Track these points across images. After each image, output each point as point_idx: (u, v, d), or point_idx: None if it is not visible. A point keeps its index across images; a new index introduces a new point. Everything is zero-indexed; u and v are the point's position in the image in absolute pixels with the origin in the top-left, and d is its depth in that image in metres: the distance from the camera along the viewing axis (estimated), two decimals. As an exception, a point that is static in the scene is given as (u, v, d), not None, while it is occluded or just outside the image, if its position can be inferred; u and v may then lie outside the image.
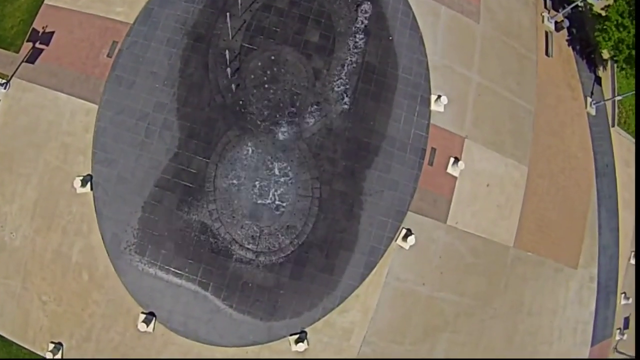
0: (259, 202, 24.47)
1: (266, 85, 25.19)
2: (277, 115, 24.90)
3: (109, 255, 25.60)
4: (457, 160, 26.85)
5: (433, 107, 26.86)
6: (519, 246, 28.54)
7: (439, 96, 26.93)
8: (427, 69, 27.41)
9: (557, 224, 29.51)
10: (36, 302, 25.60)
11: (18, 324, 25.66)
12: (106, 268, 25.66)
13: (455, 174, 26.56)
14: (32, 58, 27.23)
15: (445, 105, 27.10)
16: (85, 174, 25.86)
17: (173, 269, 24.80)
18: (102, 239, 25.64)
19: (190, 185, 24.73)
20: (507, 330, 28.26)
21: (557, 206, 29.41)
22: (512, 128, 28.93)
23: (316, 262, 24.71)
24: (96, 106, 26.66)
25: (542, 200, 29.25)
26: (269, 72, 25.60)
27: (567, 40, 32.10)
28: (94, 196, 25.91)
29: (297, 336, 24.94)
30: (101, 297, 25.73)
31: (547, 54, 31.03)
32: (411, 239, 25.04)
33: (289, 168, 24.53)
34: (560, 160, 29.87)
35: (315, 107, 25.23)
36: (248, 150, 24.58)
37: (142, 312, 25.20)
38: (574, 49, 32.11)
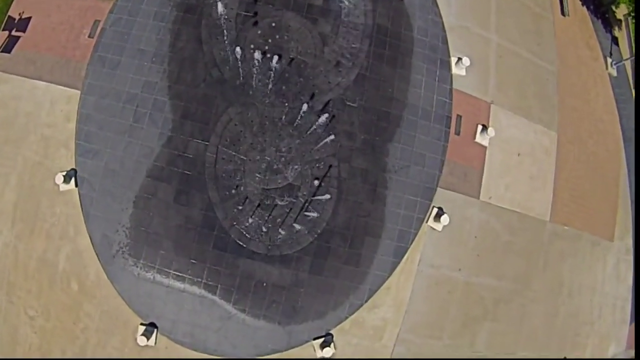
0: (269, 187, 16.97)
1: (269, 55, 17.68)
2: (284, 87, 17.29)
3: (99, 260, 19.04)
4: (485, 127, 20.11)
5: (454, 70, 20.73)
6: (555, 220, 22.19)
7: (459, 58, 20.74)
8: (444, 30, 21.18)
9: (590, 193, 23.22)
10: (23, 317, 19.35)
11: (6, 342, 19.55)
12: (97, 275, 19.17)
13: (485, 143, 20.02)
14: (8, 47, 21.14)
15: (467, 68, 20.94)
16: (68, 169, 19.38)
17: (174, 272, 18.38)
18: (91, 241, 19.10)
19: (188, 173, 17.73)
20: (548, 314, 22.05)
21: (589, 174, 23.15)
22: (537, 91, 22.79)
23: (339, 252, 18.10)
24: (78, 92, 20.11)
25: (574, 168, 22.95)
26: (270, 40, 19.08)
27: (580, 0, 24.82)
28: (79, 193, 19.34)
29: (322, 340, 18.47)
30: (94, 309, 19.35)
31: (562, 13, 25.05)
32: (444, 219, 18.67)
33: (300, 145, 16.99)
34: (587, 124, 23.68)
35: (325, 75, 17.66)
36: (253, 129, 17.04)
37: (142, 324, 18.69)
38: (588, 8, 26.07)
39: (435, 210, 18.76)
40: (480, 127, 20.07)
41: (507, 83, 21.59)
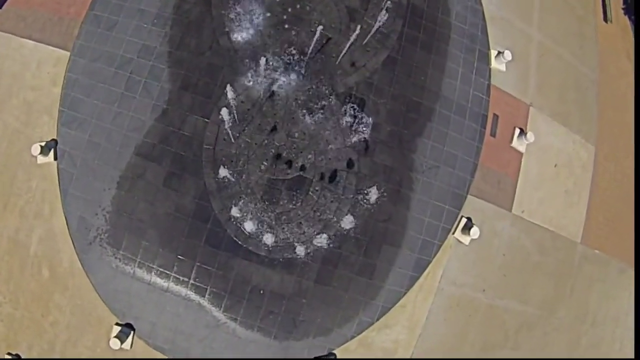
0: (277, 177, 11.71)
1: (286, 26, 13.13)
2: (302, 63, 11.99)
3: (74, 246, 14.33)
4: (522, 131, 15.85)
5: (494, 64, 15.98)
6: (586, 242, 17.43)
7: (500, 52, 16.20)
8: (484, 19, 16.53)
9: (622, 216, 18.41)
10: (-11, 302, 13.81)
11: (-30, 329, 14.10)
12: (71, 263, 14.50)
13: (522, 148, 15.14)
14: (-1, 3, 15.59)
15: (507, 63, 16.33)
16: (48, 139, 14.81)
17: (157, 268, 13.63)
18: (67, 224, 14.39)
19: (183, 153, 12.49)
20: (570, 343, 17.31)
21: (622, 196, 18.44)
22: (577, 98, 18.10)
23: (351, 261, 13.12)
24: (68, 53, 15.40)
25: (609, 187, 18.22)
26: (290, 9, 13.79)
27: (622, 8, 20.92)
28: (58, 168, 14.66)
29: (323, 361, 12.83)
30: (65, 301, 14.68)
31: (605, 19, 20.19)
32: (474, 231, 13.75)
33: (316, 132, 11.71)
34: (624, 142, 18.91)
35: (350, 54, 12.33)
36: (262, 108, 11.78)
37: (117, 324, 14.03)
38: (629, 18, 20.83)
39: (464, 220, 13.41)
40: (517, 131, 14.73)
41: (547, 85, 16.74)
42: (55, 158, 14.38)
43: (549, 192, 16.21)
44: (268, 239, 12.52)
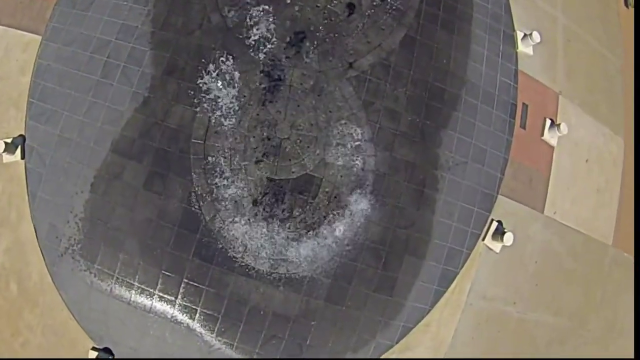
0: (278, 177, 7.92)
1: (288, 1, 8.49)
2: (306, 43, 8.24)
3: (44, 257, 11.10)
4: (553, 122, 11.36)
5: (520, 47, 11.86)
6: (617, 244, 14.28)
7: (526, 34, 12.97)
8: (507, -2, 10.97)
9: None
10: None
11: None
12: (41, 277, 11.22)
13: (553, 142, 11.88)
14: (-34, -13, 12.45)
15: (534, 46, 12.60)
16: (16, 135, 11.48)
17: (138, 285, 9.83)
18: (36, 232, 11.13)
19: (167, 149, 8.79)
20: (599, 355, 14.15)
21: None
22: (605, 87, 14.91)
23: (368, 275, 9.58)
24: (39, 37, 12.00)
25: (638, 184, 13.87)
26: None
27: None
28: (25, 168, 11.33)
29: (335, 393, 9.50)
30: (35, 320, 11.40)
31: (625, 4, 16.82)
32: (508, 237, 10.51)
33: (325, 123, 7.94)
34: None
35: (363, 32, 8.55)
36: (260, 95, 7.94)
37: (94, 348, 10.77)
38: None
39: (494, 224, 9.82)
40: (548, 122, 11.06)
41: (575, 72, 13.37)
42: (23, 157, 10.67)
43: (581, 191, 12.89)
44: (269, 250, 8.81)
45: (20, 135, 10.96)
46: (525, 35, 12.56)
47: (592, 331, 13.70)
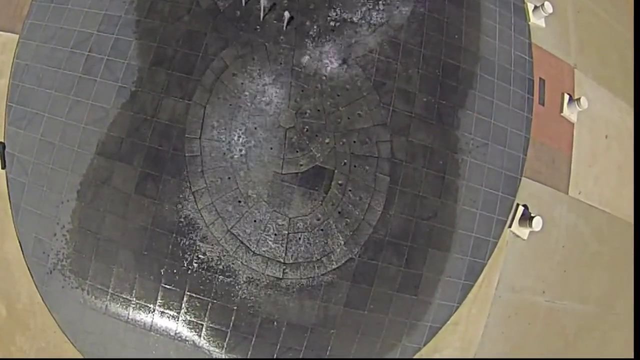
0: (287, 171, 6.30)
1: None
2: (307, 23, 6.64)
3: (32, 276, 9.64)
4: (571, 97, 9.01)
5: (532, 19, 9.88)
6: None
7: (538, 6, 11.30)
8: (514, -32, 9.56)
9: None
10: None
11: None
12: (30, 298, 9.82)
13: (573, 118, 10.15)
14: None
15: (546, 18, 10.28)
16: None
17: (136, 300, 8.26)
18: (21, 248, 9.65)
19: (159, 147, 7.24)
20: (627, 341, 13.01)
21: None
22: (618, 60, 13.75)
23: (390, 274, 7.92)
24: (16, 36, 10.41)
25: (653, 156, 12.66)
26: None
27: None
28: (7, 177, 9.81)
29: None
30: (28, 344, 9.98)
31: None
32: (537, 222, 9.32)
33: (334, 108, 6.36)
34: None
35: (369, 7, 6.94)
36: (259, 82, 6.35)
37: None
38: None
39: (520, 209, 8.42)
40: (567, 97, 9.65)
41: (588, 44, 12.21)
42: (4, 166, 9.32)
43: (602, 168, 11.68)
44: (280, 254, 7.30)
45: (0, 143, 9.33)
46: (536, 7, 11.20)
47: (620, 315, 12.62)
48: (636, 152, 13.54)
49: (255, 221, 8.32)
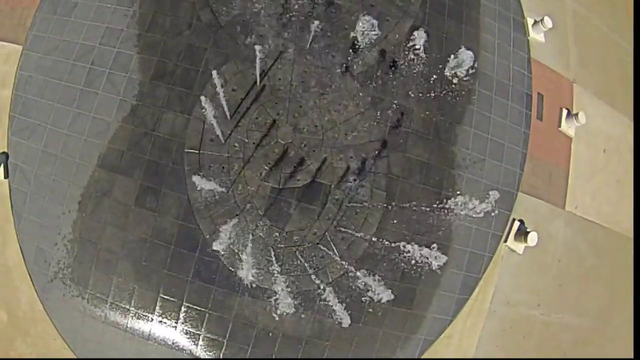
0: (283, 186, 6.51)
1: None
2: (306, 37, 6.77)
3: (33, 284, 9.79)
4: (570, 112, 9.23)
5: (532, 34, 10.02)
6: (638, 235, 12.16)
7: (537, 20, 11.55)
8: (514, -17, 9.67)
9: None
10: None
11: None
12: (32, 305, 10.01)
13: (571, 133, 10.40)
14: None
15: (546, 33, 10.70)
16: None
17: (134, 310, 8.51)
18: (23, 256, 9.81)
19: (159, 161, 7.44)
20: (625, 352, 12.83)
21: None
22: (619, 74, 13.58)
23: (385, 288, 6.60)
24: (20, 47, 10.61)
25: (653, 170, 12.66)
26: None
27: None
28: (9, 187, 9.97)
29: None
30: (28, 350, 10.20)
31: None
32: (532, 238, 9.30)
33: (331, 124, 6.48)
34: None
35: (368, 22, 7.03)
36: (259, 97, 6.44)
37: None
38: None
39: (516, 224, 8.48)
40: (565, 112, 9.74)
41: (588, 59, 12.11)
42: (6, 175, 9.43)
43: (601, 183, 11.68)
44: (276, 267, 7.43)
45: (3, 153, 9.54)
46: (535, 21, 11.29)
47: (618, 328, 12.49)
48: (636, 166, 13.54)
49: (252, 235, 8.44)
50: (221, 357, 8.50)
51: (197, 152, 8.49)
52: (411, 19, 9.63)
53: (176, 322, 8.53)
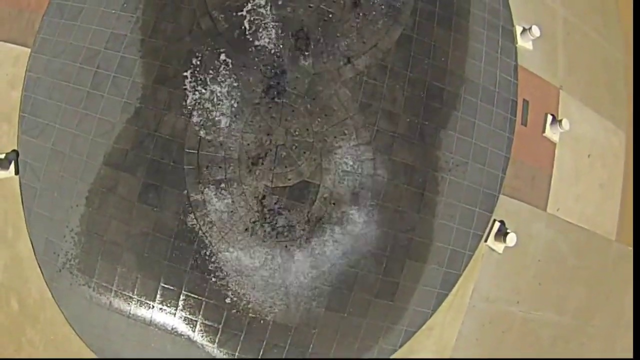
0: (275, 185, 7.50)
1: (280, 2, 7.92)
2: (302, 46, 7.65)
3: (42, 273, 10.60)
4: (554, 118, 10.07)
5: (520, 42, 10.73)
6: (621, 239, 13.87)
7: (525, 28, 12.22)
8: (505, -8, 10.37)
9: None
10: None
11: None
12: (41, 293, 10.74)
13: (555, 138, 11.35)
14: (-45, 0, 11.88)
15: (534, 41, 11.36)
16: (9, 151, 10.84)
17: (137, 297, 9.51)
18: (33, 248, 10.59)
19: (160, 160, 8.28)
20: (605, 351, 13.81)
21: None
22: (607, 80, 14.21)
23: (369, 281, 9.16)
24: (28, 50, 11.21)
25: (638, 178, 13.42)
26: None
27: None
28: (20, 183, 10.75)
29: (338, 401, 8.94)
30: (38, 336, 10.95)
31: None
32: (511, 238, 9.94)
33: (321, 127, 7.37)
34: None
35: (357, 32, 8.02)
36: (254, 101, 7.37)
37: None
38: None
39: (497, 224, 9.32)
40: (550, 118, 10.55)
41: (577, 66, 12.71)
42: (17, 172, 10.10)
43: (584, 186, 12.40)
44: (267, 260, 8.33)
45: (14, 151, 10.44)
46: (524, 29, 11.96)
47: (598, 327, 13.28)
48: (635, 174, 14.26)
49: (246, 230, 9.33)
50: (216, 342, 9.38)
51: (196, 152, 9.34)
52: (401, 27, 10.40)
53: (175, 309, 9.42)
